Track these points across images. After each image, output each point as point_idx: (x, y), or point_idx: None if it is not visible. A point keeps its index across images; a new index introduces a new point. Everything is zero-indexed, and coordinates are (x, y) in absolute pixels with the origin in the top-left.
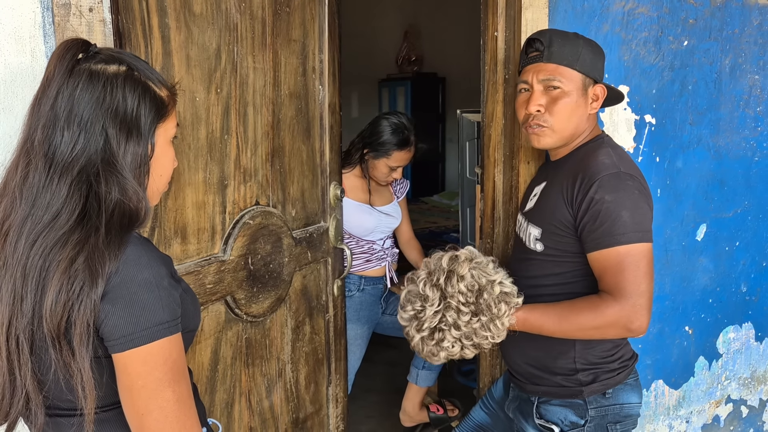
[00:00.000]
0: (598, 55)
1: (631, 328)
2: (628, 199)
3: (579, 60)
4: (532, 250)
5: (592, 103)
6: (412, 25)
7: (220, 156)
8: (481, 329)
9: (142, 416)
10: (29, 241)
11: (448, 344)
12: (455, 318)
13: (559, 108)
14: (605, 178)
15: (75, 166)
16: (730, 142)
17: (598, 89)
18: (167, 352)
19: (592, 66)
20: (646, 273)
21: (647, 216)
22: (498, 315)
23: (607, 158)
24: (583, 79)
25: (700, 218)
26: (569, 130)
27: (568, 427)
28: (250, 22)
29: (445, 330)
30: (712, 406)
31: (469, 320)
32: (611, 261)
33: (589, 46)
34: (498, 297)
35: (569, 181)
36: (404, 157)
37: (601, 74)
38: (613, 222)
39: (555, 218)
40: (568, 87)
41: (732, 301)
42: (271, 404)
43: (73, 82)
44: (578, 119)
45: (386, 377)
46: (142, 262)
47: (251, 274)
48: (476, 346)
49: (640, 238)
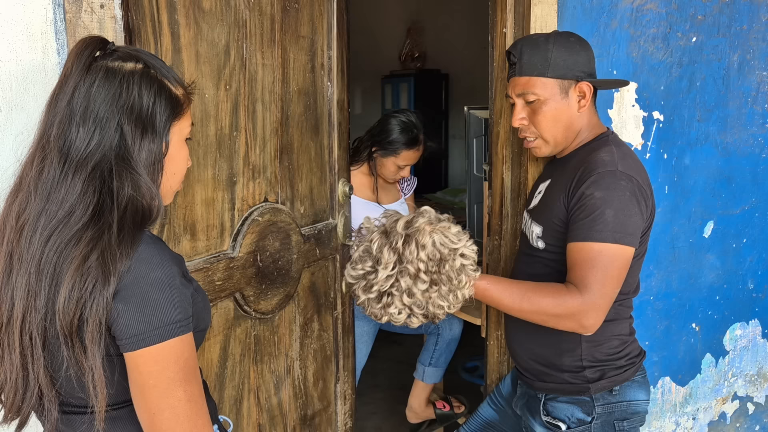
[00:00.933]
0: (576, 52)
1: (585, 324)
2: (617, 199)
3: (550, 66)
4: (535, 248)
5: (580, 101)
6: (415, 21)
7: (229, 153)
8: (438, 299)
9: (153, 415)
10: (44, 236)
11: (394, 310)
12: (409, 285)
13: (540, 119)
14: (600, 174)
15: (90, 162)
16: (738, 139)
17: (583, 87)
18: (179, 352)
19: (569, 67)
20: (614, 276)
21: (633, 219)
22: (458, 287)
23: (608, 156)
24: (560, 83)
25: (707, 215)
26: (560, 135)
27: (575, 424)
28: (259, 18)
29: (396, 296)
30: (718, 403)
31: (426, 289)
32: (584, 255)
33: (562, 47)
34: (459, 269)
35: (570, 178)
36: (413, 156)
37: (586, 68)
38: (596, 218)
39: (555, 216)
40: (544, 96)
41: (739, 298)
42: (279, 401)
43: (90, 79)
44: (567, 122)
45: (391, 374)
46: (154, 261)
47: (260, 270)
48: (427, 315)
49: (618, 239)
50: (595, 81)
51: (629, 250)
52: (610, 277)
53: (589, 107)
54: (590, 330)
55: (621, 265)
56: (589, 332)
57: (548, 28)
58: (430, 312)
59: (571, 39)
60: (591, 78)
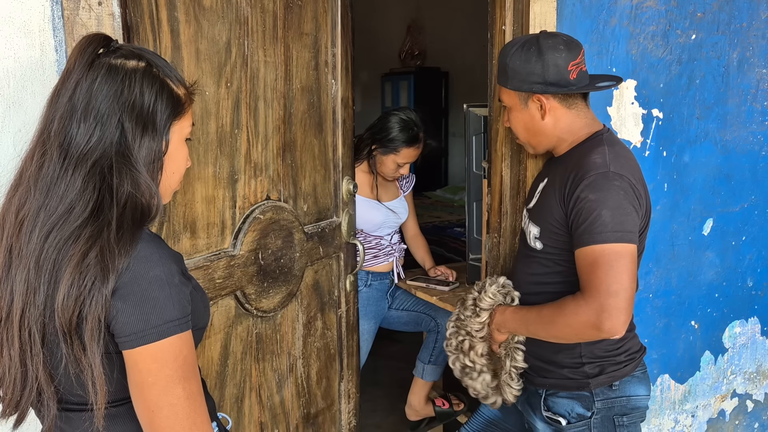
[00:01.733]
0: (532, 62)
1: (602, 328)
2: (611, 199)
3: (509, 78)
4: (533, 248)
5: (540, 111)
6: (414, 19)
7: (230, 150)
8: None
9: (152, 413)
10: (43, 232)
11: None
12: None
13: (513, 124)
14: (593, 177)
15: (90, 158)
16: (738, 137)
17: (540, 98)
18: (178, 350)
19: (522, 79)
20: (621, 273)
21: (630, 217)
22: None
23: (600, 157)
24: (518, 94)
25: (706, 213)
26: (533, 140)
27: (575, 419)
28: (261, 15)
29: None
30: (717, 400)
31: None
32: (587, 259)
33: (518, 59)
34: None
35: (563, 179)
36: (412, 154)
37: (541, 78)
38: (593, 221)
39: (552, 217)
40: (509, 104)
41: (738, 296)
42: (282, 399)
43: (93, 75)
44: (534, 130)
45: (390, 371)
46: (153, 258)
47: (262, 269)
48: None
49: (619, 238)
50: (556, 89)
51: (631, 246)
52: (617, 276)
53: (563, 113)
54: (614, 332)
55: (627, 262)
56: (614, 335)
57: (547, 25)
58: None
59: (531, 49)
60: (552, 87)
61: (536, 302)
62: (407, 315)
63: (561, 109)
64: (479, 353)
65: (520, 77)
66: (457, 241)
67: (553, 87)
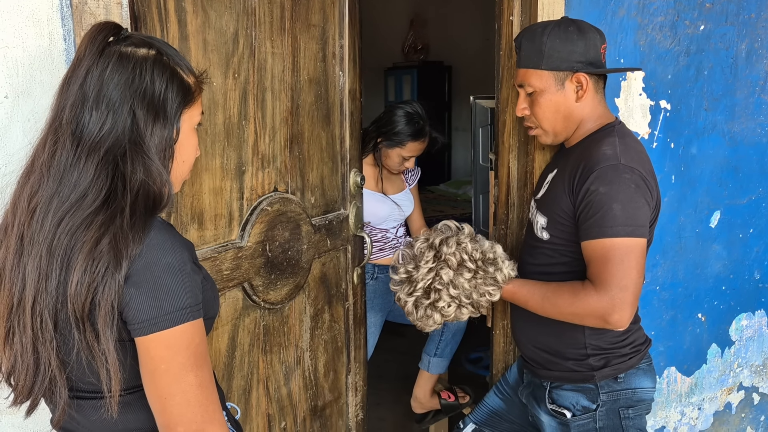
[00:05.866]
0: (573, 42)
1: (609, 321)
2: (622, 192)
3: (545, 58)
4: (540, 239)
5: (578, 92)
6: (417, 13)
7: (238, 142)
8: (484, 285)
9: (164, 400)
10: (56, 219)
11: (443, 303)
12: (451, 277)
13: (538, 110)
14: (603, 169)
15: (102, 146)
16: (746, 128)
17: (579, 78)
18: (190, 337)
19: (563, 58)
20: (631, 267)
21: (641, 210)
22: (501, 268)
23: (610, 149)
24: (555, 74)
25: (714, 205)
26: (559, 125)
27: (580, 412)
28: (268, 6)
29: (441, 290)
30: (724, 393)
31: (472, 276)
32: (597, 252)
33: (557, 38)
34: (502, 254)
35: (573, 170)
36: (418, 148)
37: (583, 58)
38: (604, 214)
39: (559, 207)
40: (540, 87)
41: (745, 289)
42: (289, 391)
43: (103, 63)
44: (565, 113)
45: (395, 364)
46: (165, 246)
47: (269, 260)
48: (474, 304)
49: (630, 232)
50: (596, 69)
51: (641, 241)
52: (626, 269)
53: (591, 96)
54: (619, 325)
55: (637, 257)
56: (619, 328)
57: (555, 15)
58: (475, 300)
59: (570, 28)
60: (591, 67)
61: None
62: None
63: (592, 91)
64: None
65: (560, 56)
66: None
67: (592, 66)
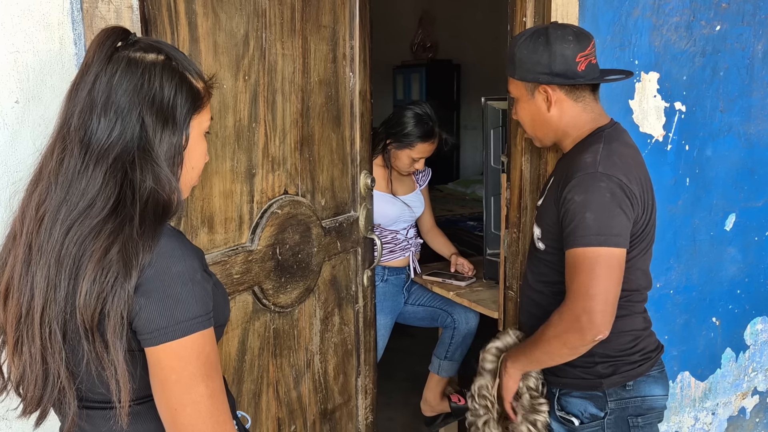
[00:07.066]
0: (539, 52)
1: (582, 331)
2: (596, 201)
3: (516, 68)
4: (538, 248)
5: (546, 102)
6: (426, 11)
7: (248, 144)
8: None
9: (175, 410)
10: (64, 227)
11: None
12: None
13: (520, 116)
14: (580, 177)
15: (111, 153)
16: (762, 130)
17: (547, 89)
18: (201, 347)
19: (528, 69)
20: (599, 275)
21: (617, 219)
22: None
23: (590, 156)
24: (525, 84)
25: (729, 207)
26: (538, 132)
27: (588, 420)
28: (279, 7)
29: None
30: (738, 398)
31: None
32: (570, 262)
33: (525, 48)
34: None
35: (559, 179)
36: (428, 149)
37: (547, 69)
38: (578, 223)
39: (548, 217)
40: (516, 95)
41: (760, 293)
42: (299, 395)
43: (112, 69)
44: (540, 122)
45: (404, 365)
46: (175, 254)
47: (279, 264)
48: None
49: (602, 241)
50: (562, 81)
51: (615, 250)
52: (595, 279)
53: (570, 105)
54: (593, 333)
55: (609, 267)
56: (597, 335)
57: (569, 17)
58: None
59: (540, 39)
60: (559, 78)
61: (542, 301)
62: (423, 310)
63: (567, 101)
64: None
65: (526, 67)
66: (470, 234)
67: (560, 78)
